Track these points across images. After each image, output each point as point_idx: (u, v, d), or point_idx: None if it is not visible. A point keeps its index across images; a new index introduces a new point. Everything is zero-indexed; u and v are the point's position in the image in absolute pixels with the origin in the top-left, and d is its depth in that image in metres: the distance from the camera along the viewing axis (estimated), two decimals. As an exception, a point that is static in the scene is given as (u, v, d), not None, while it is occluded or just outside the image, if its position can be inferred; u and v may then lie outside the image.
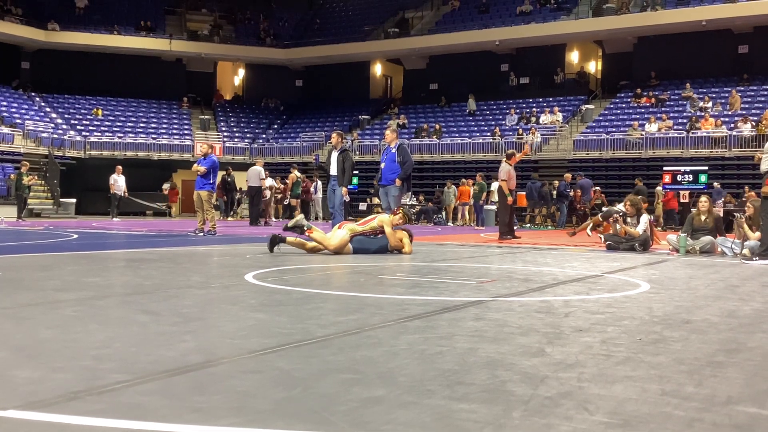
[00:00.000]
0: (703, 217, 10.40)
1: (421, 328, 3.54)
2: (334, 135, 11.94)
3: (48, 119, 31.84)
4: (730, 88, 27.86)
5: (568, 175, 22.88)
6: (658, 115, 27.15)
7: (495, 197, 21.14)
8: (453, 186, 24.62)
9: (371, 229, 8.88)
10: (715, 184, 21.81)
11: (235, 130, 35.60)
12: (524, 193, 23.06)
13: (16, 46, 33.58)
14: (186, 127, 34.48)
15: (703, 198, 10.72)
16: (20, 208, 21.19)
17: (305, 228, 8.72)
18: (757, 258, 8.54)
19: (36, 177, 22.43)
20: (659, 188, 21.95)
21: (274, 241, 8.61)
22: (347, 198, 11.76)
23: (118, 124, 33.35)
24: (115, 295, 4.81)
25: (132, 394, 2.24)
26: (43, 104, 33.22)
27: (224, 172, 25.38)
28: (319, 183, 25.37)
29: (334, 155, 11.59)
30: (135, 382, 2.38)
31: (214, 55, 37.13)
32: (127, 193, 23.71)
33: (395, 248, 8.83)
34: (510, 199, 13.32)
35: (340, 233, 8.70)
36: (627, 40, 31.30)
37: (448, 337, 3.31)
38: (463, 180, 24.44)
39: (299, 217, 9.21)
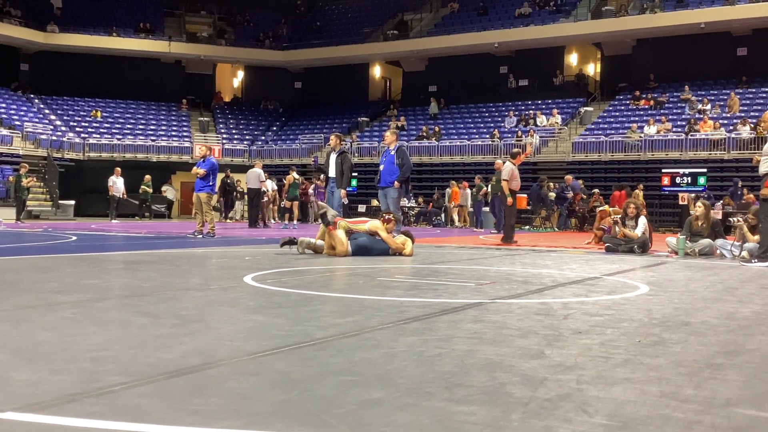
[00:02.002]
0: (699, 222, 10.40)
1: (419, 330, 3.53)
2: (332, 137, 11.94)
3: (47, 121, 31.83)
4: (729, 90, 27.89)
5: (568, 177, 22.91)
6: (657, 117, 27.18)
7: (490, 197, 21.23)
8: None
9: (359, 230, 8.88)
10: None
11: (234, 132, 35.61)
12: (524, 195, 23.05)
13: (15, 48, 33.56)
14: (185, 129, 34.48)
15: (698, 203, 10.74)
16: (19, 210, 21.18)
17: (330, 222, 8.70)
18: (756, 260, 8.55)
19: (35, 179, 22.37)
20: (596, 190, 21.81)
21: (292, 242, 8.77)
22: (345, 200, 11.75)
23: (117, 125, 33.35)
24: (113, 297, 4.81)
25: (130, 396, 2.24)
26: (42, 106, 33.21)
27: (223, 175, 25.40)
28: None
29: (333, 157, 11.59)
30: (133, 384, 2.38)
31: (213, 57, 37.13)
32: (125, 195, 23.71)
33: (396, 252, 8.83)
34: (509, 200, 13.07)
35: (340, 238, 8.72)
36: (626, 42, 31.34)
37: (447, 339, 3.31)
38: (453, 182, 24.69)
39: (332, 212, 9.04)
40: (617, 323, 3.87)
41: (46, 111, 32.95)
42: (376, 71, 38.70)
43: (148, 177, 26.44)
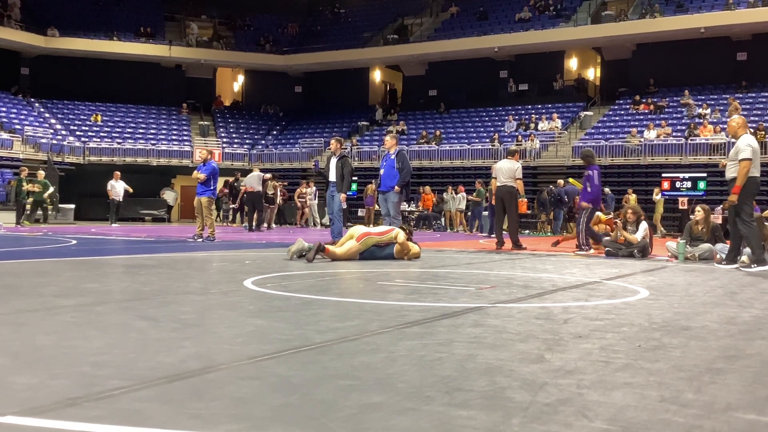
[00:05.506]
0: (699, 227, 10.41)
1: (420, 335, 3.53)
2: (332, 141, 11.94)
3: (47, 125, 31.85)
4: (729, 95, 27.92)
5: (561, 181, 22.90)
6: (657, 122, 27.20)
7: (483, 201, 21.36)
8: (453, 192, 24.72)
9: (388, 239, 8.94)
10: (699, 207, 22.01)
11: (234, 136, 35.63)
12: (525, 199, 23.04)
13: (16, 51, 33.62)
14: (185, 133, 34.51)
15: (698, 208, 10.75)
16: (19, 214, 21.17)
17: (310, 249, 8.46)
18: (755, 265, 8.54)
19: (36, 186, 22.04)
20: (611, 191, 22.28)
21: (318, 249, 8.35)
22: (344, 204, 11.76)
23: (118, 129, 33.38)
24: (113, 301, 4.81)
25: (130, 401, 2.24)
26: (42, 110, 33.23)
27: (232, 178, 25.37)
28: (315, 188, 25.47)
29: (333, 161, 11.59)
30: (133, 389, 2.38)
31: (213, 61, 37.20)
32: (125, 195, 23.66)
33: (400, 256, 8.91)
34: (524, 201, 12.92)
35: (350, 244, 8.72)
36: (626, 47, 31.39)
37: (447, 343, 3.31)
38: (427, 187, 25.57)
39: (297, 245, 8.56)
40: (617, 328, 3.87)
41: (47, 115, 32.97)
42: (376, 75, 38.74)
43: (41, 173, 22.60)
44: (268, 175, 22.32)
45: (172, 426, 1.98)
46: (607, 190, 22.66)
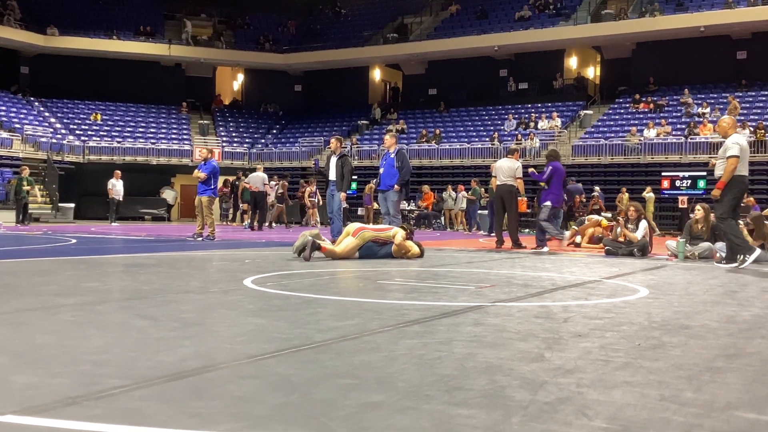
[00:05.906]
0: (699, 225, 10.42)
1: (419, 333, 3.53)
2: (332, 140, 11.94)
3: (47, 124, 31.84)
4: (729, 93, 27.93)
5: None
6: (657, 120, 27.20)
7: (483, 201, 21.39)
8: (452, 191, 24.72)
9: (385, 237, 8.93)
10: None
11: (234, 135, 35.62)
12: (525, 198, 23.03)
13: (15, 50, 33.60)
14: (185, 131, 34.50)
15: (698, 206, 10.76)
16: (19, 213, 21.16)
17: (313, 246, 8.45)
18: (748, 256, 8.51)
19: (38, 189, 21.75)
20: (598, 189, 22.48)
21: (313, 247, 8.29)
22: (345, 204, 11.75)
23: (117, 128, 33.37)
24: (113, 300, 4.81)
25: (130, 400, 2.24)
26: (42, 109, 33.22)
27: (234, 177, 25.33)
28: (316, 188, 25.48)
29: (333, 160, 11.59)
30: (133, 388, 2.38)
31: (213, 60, 37.19)
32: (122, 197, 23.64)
33: (398, 256, 8.90)
34: (524, 199, 13.02)
35: (348, 241, 8.71)
36: (625, 45, 31.39)
37: (447, 342, 3.31)
38: (426, 186, 25.65)
39: (301, 239, 8.51)
40: (617, 326, 3.87)
41: (46, 114, 32.96)
42: (376, 74, 38.73)
43: (26, 170, 21.47)
44: (272, 183, 22.27)
45: (172, 425, 1.98)
46: (597, 188, 22.66)
